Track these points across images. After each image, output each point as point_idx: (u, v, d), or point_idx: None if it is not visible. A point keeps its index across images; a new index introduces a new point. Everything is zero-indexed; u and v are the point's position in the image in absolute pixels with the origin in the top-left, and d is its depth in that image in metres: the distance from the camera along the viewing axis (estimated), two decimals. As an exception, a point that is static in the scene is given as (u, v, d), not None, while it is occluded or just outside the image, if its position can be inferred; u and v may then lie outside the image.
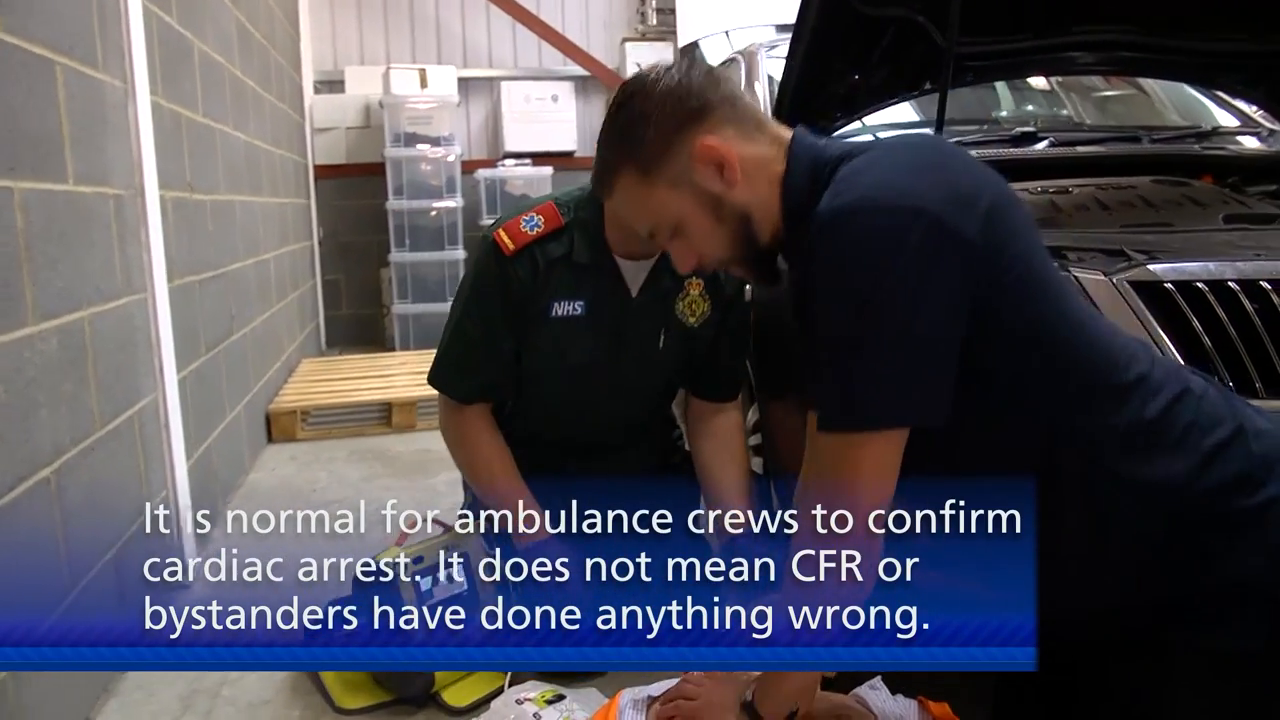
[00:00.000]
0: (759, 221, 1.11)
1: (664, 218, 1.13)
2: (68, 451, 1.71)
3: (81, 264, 1.84)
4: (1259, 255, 1.54)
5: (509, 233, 1.70)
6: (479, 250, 1.75)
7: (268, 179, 4.00)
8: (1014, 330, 1.03)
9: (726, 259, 1.15)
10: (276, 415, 3.60)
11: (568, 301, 1.74)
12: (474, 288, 1.74)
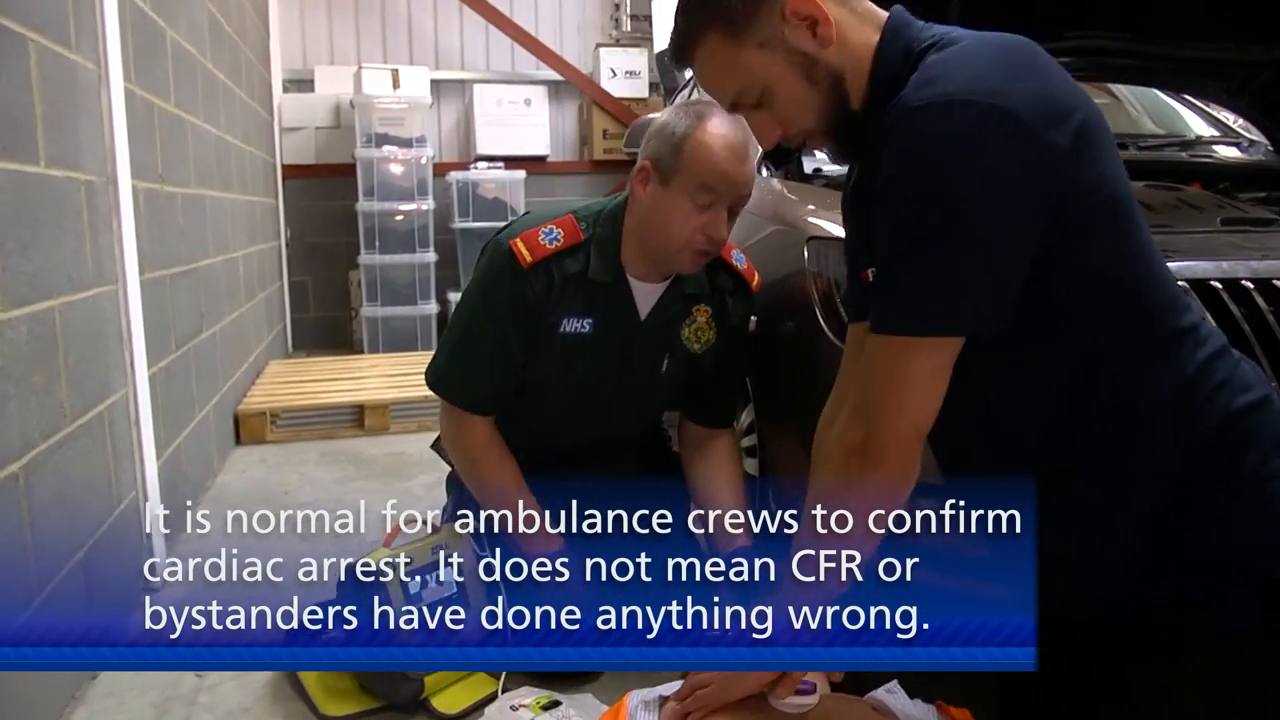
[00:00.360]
0: (851, 83, 1.07)
1: (752, 82, 1.07)
2: (37, 446, 1.63)
3: (52, 251, 1.76)
4: (1265, 256, 1.53)
5: (527, 244, 1.66)
6: (492, 256, 1.69)
7: (237, 176, 3.90)
8: (1091, 252, 1.00)
9: (812, 128, 1.10)
10: (245, 416, 3.50)
11: (577, 319, 1.71)
12: (486, 296, 1.69)
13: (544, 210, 1.76)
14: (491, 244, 1.73)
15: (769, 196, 2.23)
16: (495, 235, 1.74)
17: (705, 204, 1.61)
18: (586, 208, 1.75)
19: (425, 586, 1.65)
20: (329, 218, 5.65)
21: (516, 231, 1.69)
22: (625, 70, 5.95)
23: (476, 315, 1.71)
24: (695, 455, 1.88)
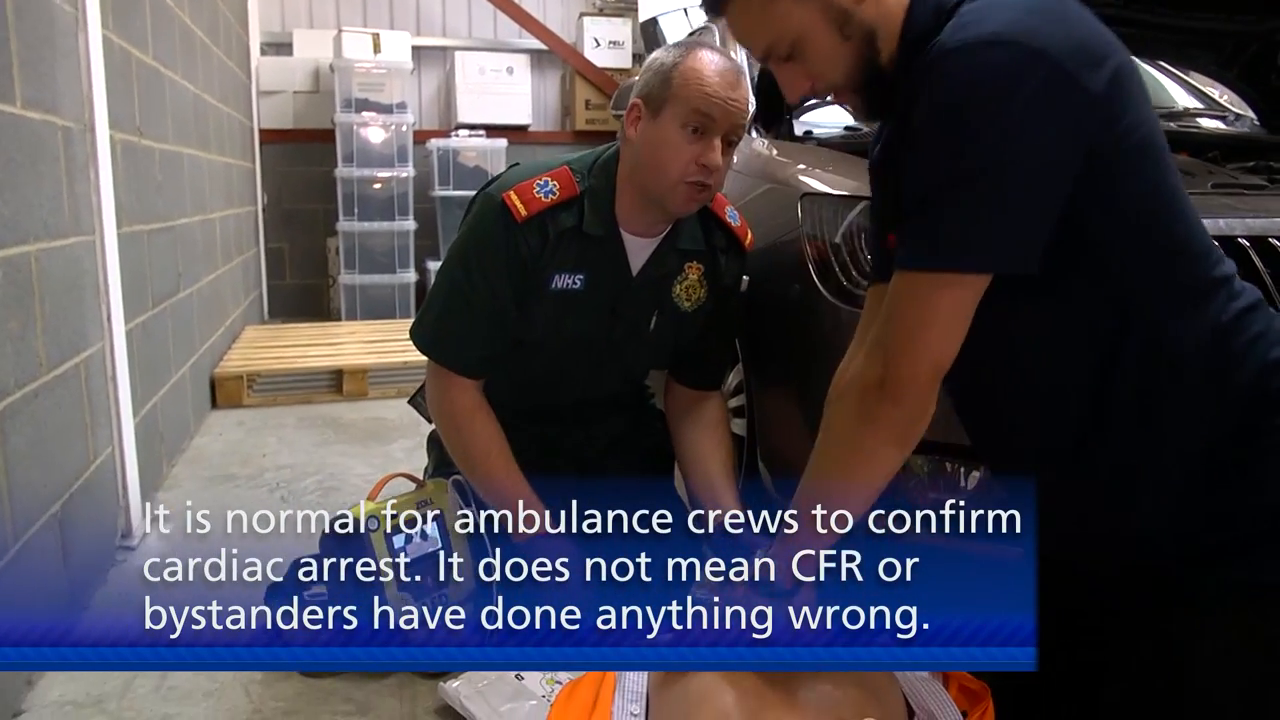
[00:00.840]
0: (882, 40, 1.07)
1: (784, 33, 1.07)
2: (12, 394, 1.59)
3: (28, 195, 1.71)
4: (1259, 215, 1.53)
5: (522, 197, 1.59)
6: (484, 209, 1.61)
7: (215, 136, 3.83)
8: (1125, 195, 1.00)
9: (841, 83, 1.10)
10: (222, 380, 3.45)
11: (569, 274, 1.65)
12: (479, 251, 1.61)
13: (535, 163, 1.70)
14: (482, 195, 1.65)
15: (760, 157, 2.21)
16: (485, 186, 1.67)
17: (698, 130, 1.56)
18: (581, 159, 1.69)
19: (410, 542, 1.64)
20: (307, 184, 5.58)
21: (509, 183, 1.62)
22: (609, 40, 5.90)
23: (469, 272, 1.62)
24: (683, 419, 1.85)
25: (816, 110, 2.56)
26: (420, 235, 5.33)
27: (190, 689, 1.60)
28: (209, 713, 1.53)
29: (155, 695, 1.58)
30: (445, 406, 1.67)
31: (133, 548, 2.17)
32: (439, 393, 1.67)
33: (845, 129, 2.39)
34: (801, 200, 1.78)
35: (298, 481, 2.65)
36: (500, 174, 1.71)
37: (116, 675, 1.63)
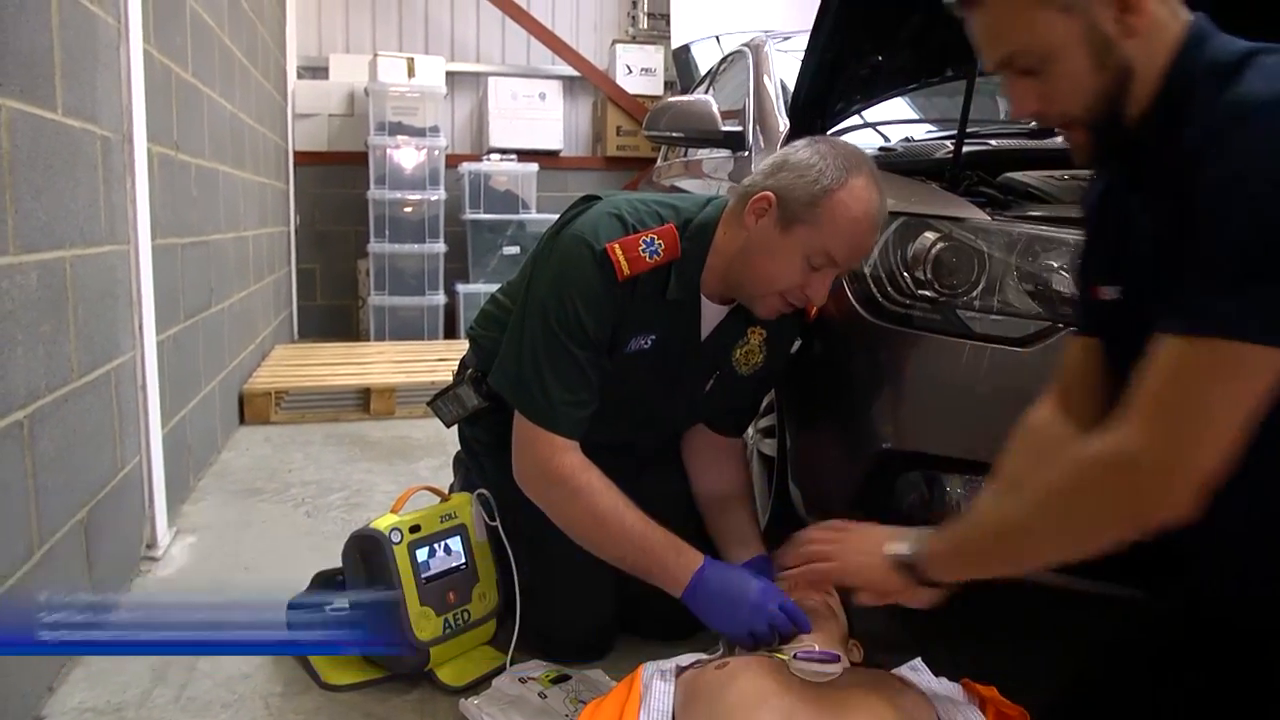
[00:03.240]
0: (1137, 84, 0.99)
1: (1036, 44, 0.99)
2: (43, 397, 1.59)
3: (66, 201, 1.72)
4: None
5: (627, 254, 1.48)
6: (581, 258, 1.48)
7: (250, 155, 3.87)
8: None
9: (1077, 115, 1.02)
10: (251, 396, 3.46)
11: (642, 335, 1.58)
12: (585, 305, 1.48)
13: (622, 200, 1.56)
14: (574, 239, 1.50)
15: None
16: (575, 226, 1.52)
17: (818, 266, 1.47)
18: (681, 214, 1.58)
19: (433, 556, 1.62)
20: (339, 206, 5.63)
21: (612, 234, 1.50)
22: (641, 67, 5.93)
23: (570, 328, 1.47)
24: (701, 453, 1.83)
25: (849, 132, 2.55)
26: (450, 258, 5.35)
27: (209, 700, 1.58)
28: (228, 724, 1.51)
29: (174, 705, 1.56)
30: (553, 471, 1.50)
31: (157, 558, 2.16)
32: (541, 458, 1.50)
33: (880, 149, 2.37)
34: (836, 217, 1.75)
35: (323, 497, 2.63)
36: (581, 210, 1.58)
37: (136, 684, 1.62)
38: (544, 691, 1.51)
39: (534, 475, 1.53)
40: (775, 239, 1.47)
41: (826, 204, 1.44)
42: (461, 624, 1.61)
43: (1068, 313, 1.48)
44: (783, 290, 1.51)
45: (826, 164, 1.45)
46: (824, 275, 1.49)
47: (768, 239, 1.48)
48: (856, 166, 1.47)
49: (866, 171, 1.47)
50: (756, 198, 1.49)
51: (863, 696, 1.16)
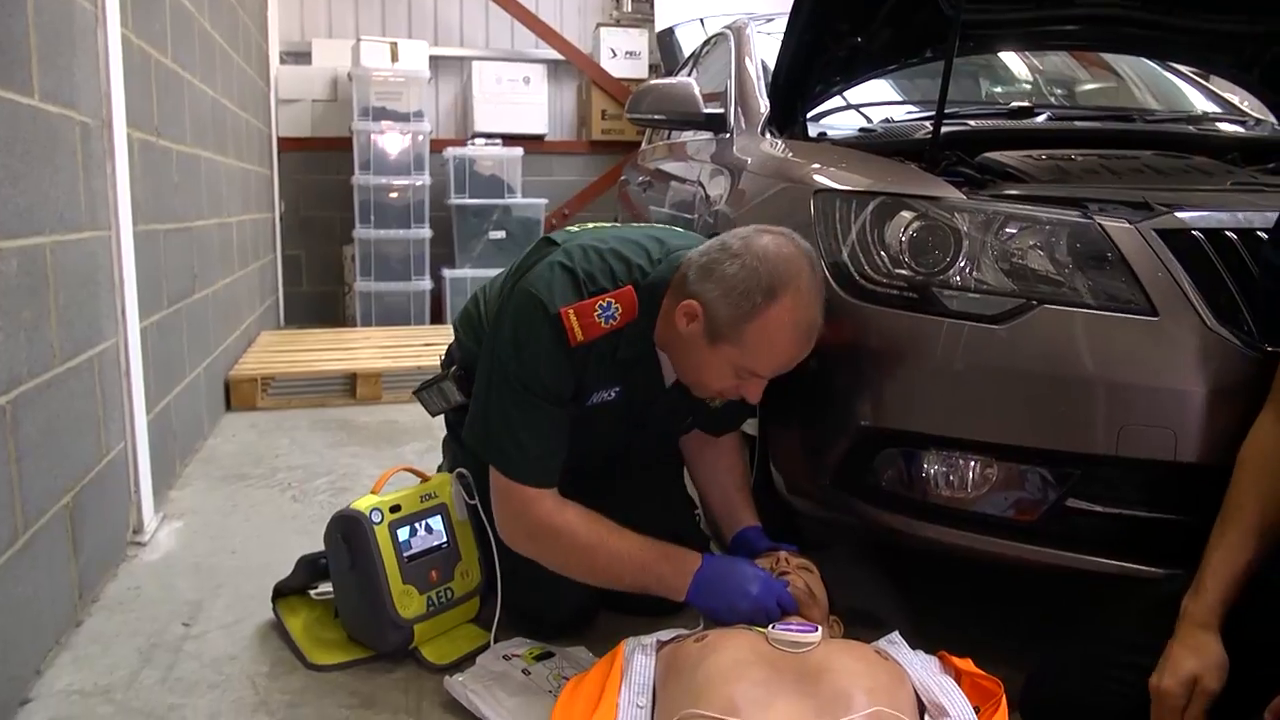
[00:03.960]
0: None
1: None
2: (25, 383, 1.59)
3: (45, 187, 1.72)
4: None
5: (581, 321, 1.46)
6: (535, 321, 1.47)
7: (233, 141, 3.85)
8: None
9: None
10: (237, 382, 3.46)
11: (605, 389, 1.58)
12: (541, 367, 1.48)
13: (582, 254, 1.52)
14: (530, 298, 1.48)
15: (774, 158, 2.20)
16: (529, 281, 1.50)
17: (744, 378, 1.49)
18: (636, 270, 1.54)
19: (414, 535, 1.63)
20: (324, 192, 5.61)
21: (565, 295, 1.47)
22: (625, 50, 5.91)
23: (530, 389, 1.48)
24: (699, 445, 1.87)
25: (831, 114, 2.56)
26: (436, 243, 5.34)
27: (196, 680, 1.60)
28: (214, 704, 1.52)
29: (161, 686, 1.58)
30: (532, 520, 1.51)
31: (144, 543, 2.17)
32: (518, 511, 1.51)
33: (860, 130, 2.39)
34: (814, 197, 1.77)
35: (309, 481, 2.64)
36: (538, 257, 1.56)
37: (124, 665, 1.63)
38: (528, 668, 1.53)
39: (516, 528, 1.54)
40: (703, 348, 1.48)
41: (750, 327, 1.43)
42: (444, 602, 1.63)
43: (1043, 290, 1.50)
44: (716, 390, 1.54)
45: (752, 283, 1.42)
46: (757, 382, 1.51)
47: (696, 346, 1.48)
48: (784, 284, 1.42)
49: (795, 286, 1.43)
50: (686, 303, 1.47)
51: (837, 664, 1.18)
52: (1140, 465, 1.42)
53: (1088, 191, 1.64)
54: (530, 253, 1.64)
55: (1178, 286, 1.42)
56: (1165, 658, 1.23)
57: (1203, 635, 1.23)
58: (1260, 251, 1.39)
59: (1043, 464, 1.49)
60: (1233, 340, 1.38)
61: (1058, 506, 1.49)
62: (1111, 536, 1.48)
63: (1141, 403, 1.41)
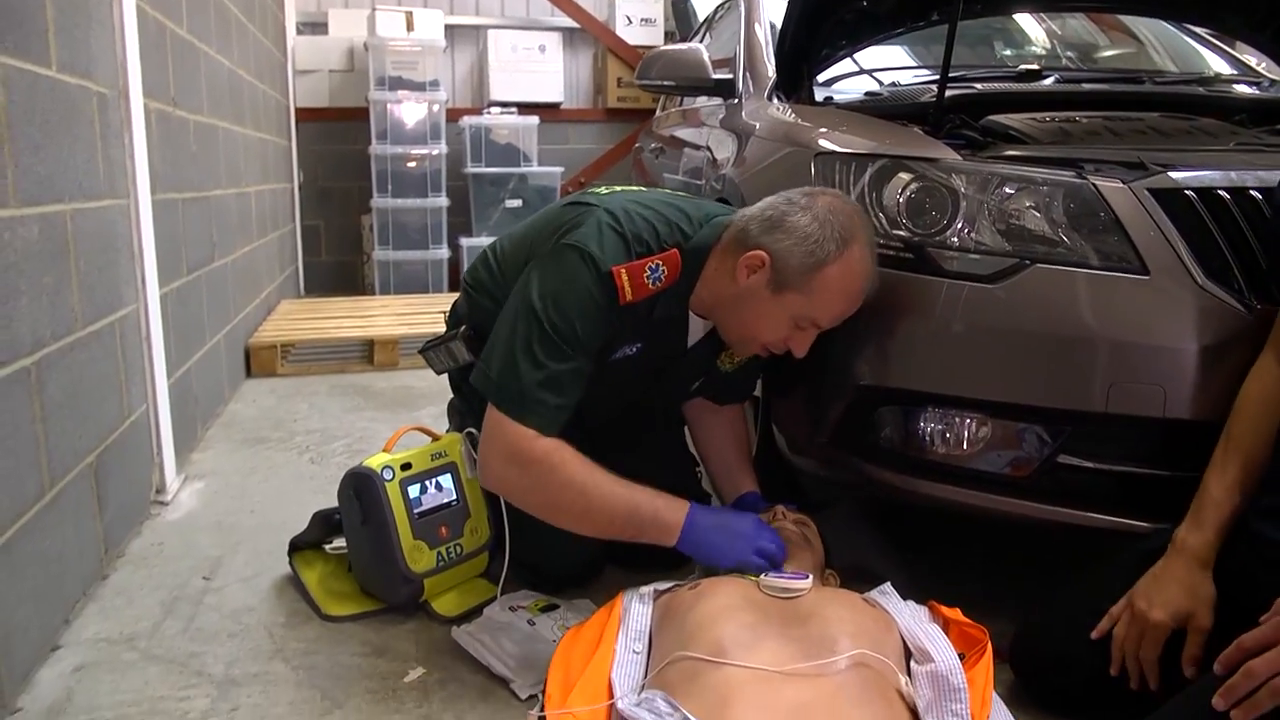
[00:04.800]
0: None
1: None
2: (48, 345, 1.65)
3: (64, 156, 1.77)
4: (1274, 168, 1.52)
5: (633, 280, 1.48)
6: (584, 277, 1.47)
7: (250, 112, 3.90)
8: None
9: None
10: (257, 349, 3.53)
11: (629, 344, 1.60)
12: (583, 322, 1.47)
13: (625, 214, 1.52)
14: (581, 253, 1.47)
15: (781, 123, 2.22)
16: (577, 237, 1.49)
17: (804, 327, 1.52)
18: (680, 233, 1.56)
19: (425, 492, 1.68)
20: (342, 162, 5.65)
21: (616, 254, 1.48)
22: (641, 18, 5.90)
23: (566, 342, 1.46)
24: (702, 411, 1.91)
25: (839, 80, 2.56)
26: (453, 212, 5.38)
27: (216, 630, 1.66)
28: (233, 652, 1.59)
29: (183, 635, 1.64)
30: (526, 452, 1.45)
31: (166, 503, 2.24)
32: (513, 446, 1.45)
33: (866, 94, 2.39)
34: (814, 160, 1.79)
35: (326, 444, 2.71)
36: (579, 215, 1.54)
37: (147, 616, 1.70)
38: (533, 619, 1.58)
39: (506, 460, 1.47)
40: (765, 298, 1.50)
41: (821, 275, 1.47)
42: (454, 557, 1.68)
43: (1037, 250, 1.52)
44: (765, 343, 1.56)
45: (825, 233, 1.47)
46: (808, 334, 1.54)
47: (757, 297, 1.51)
48: (854, 235, 1.49)
49: (862, 239, 1.49)
50: (750, 255, 1.50)
51: (825, 610, 1.22)
52: (1130, 422, 1.44)
53: (1085, 152, 1.65)
54: (559, 212, 1.62)
55: (1169, 245, 1.43)
56: (1156, 588, 1.28)
57: (1199, 572, 1.26)
58: (1274, 195, 1.40)
59: (1035, 421, 1.52)
60: (1222, 297, 1.40)
61: (1049, 463, 1.52)
62: (1102, 492, 1.51)
63: (1132, 360, 1.43)
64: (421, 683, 1.50)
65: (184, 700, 1.45)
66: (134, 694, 1.47)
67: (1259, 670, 1.03)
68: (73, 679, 1.50)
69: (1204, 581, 1.27)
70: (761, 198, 2.08)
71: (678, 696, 1.06)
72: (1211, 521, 1.29)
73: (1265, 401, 1.32)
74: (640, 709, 1.07)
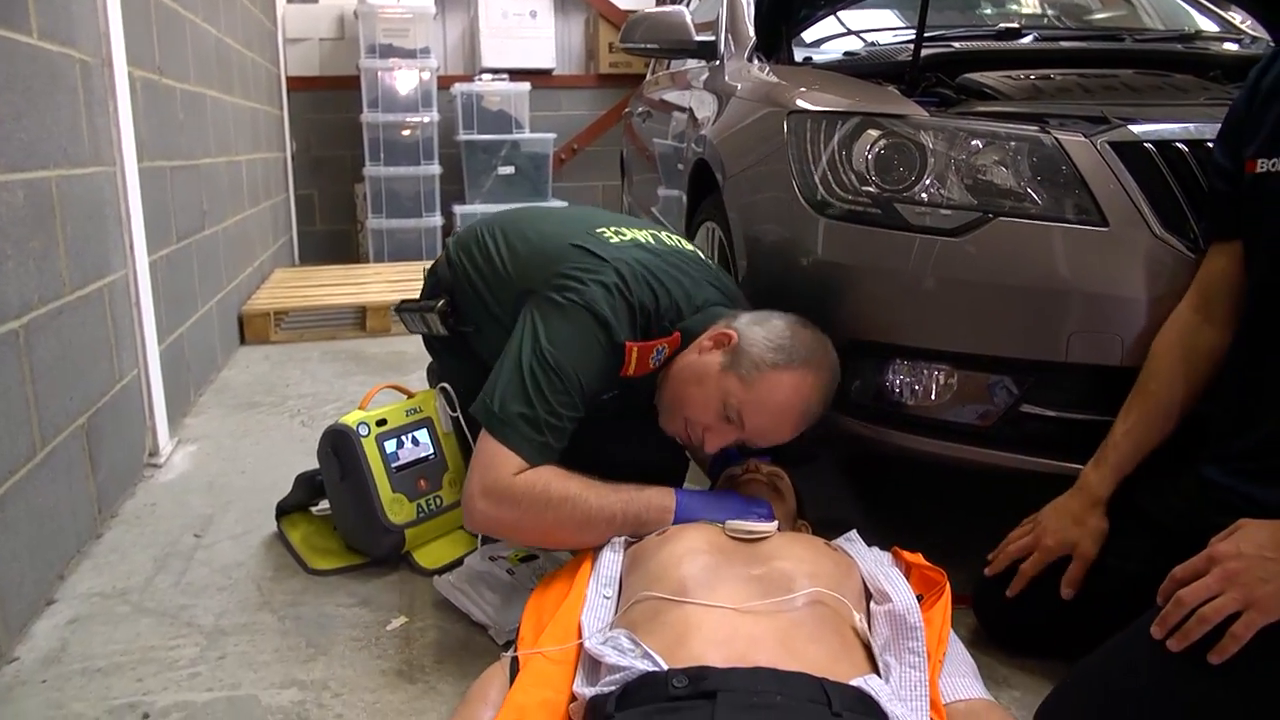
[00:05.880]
0: None
1: None
2: (36, 309, 1.69)
3: (48, 123, 1.79)
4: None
5: (639, 357, 1.53)
6: (598, 342, 1.50)
7: (239, 80, 3.91)
8: None
9: None
10: (250, 317, 3.56)
11: (609, 393, 1.59)
12: (583, 376, 1.48)
13: (634, 277, 1.54)
14: (597, 317, 1.49)
15: (760, 83, 2.24)
16: (591, 298, 1.50)
17: (727, 423, 1.51)
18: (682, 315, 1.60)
19: (401, 447, 1.72)
20: (334, 130, 5.66)
21: (627, 329, 1.52)
22: (632, -18, 5.87)
23: (570, 385, 1.47)
24: None
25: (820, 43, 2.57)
26: (446, 180, 5.39)
27: (206, 584, 1.71)
28: (222, 604, 1.64)
29: (174, 589, 1.69)
30: (520, 485, 1.43)
31: (159, 465, 2.28)
32: (505, 479, 1.42)
33: (845, 54, 2.41)
34: (787, 118, 1.81)
35: (318, 408, 2.75)
36: (602, 265, 1.55)
37: (140, 571, 1.75)
38: (512, 569, 1.63)
39: (497, 490, 1.43)
40: (711, 375, 1.51)
41: (770, 376, 1.47)
42: (434, 509, 1.73)
43: (1001, 203, 1.55)
44: (687, 418, 1.56)
45: (795, 347, 1.49)
46: (727, 431, 1.53)
47: (705, 370, 1.52)
48: (819, 367, 1.51)
49: (825, 377, 1.51)
50: (722, 332, 1.54)
51: (786, 552, 1.26)
52: (1088, 371, 1.48)
53: (1053, 108, 1.67)
54: (565, 250, 1.61)
55: (1128, 197, 1.46)
56: (1053, 518, 1.42)
57: (1091, 508, 1.39)
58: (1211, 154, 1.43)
59: (999, 371, 1.56)
60: (1178, 247, 1.44)
61: (1013, 412, 1.56)
62: (1062, 439, 1.55)
63: (1090, 310, 1.46)
64: (404, 631, 1.55)
65: (174, 649, 1.50)
66: (126, 644, 1.52)
67: (1187, 599, 1.07)
68: (67, 630, 1.56)
69: (1094, 515, 1.39)
70: (737, 158, 2.14)
71: (640, 633, 1.11)
72: (1109, 461, 1.40)
73: (1174, 348, 1.38)
74: (605, 646, 1.11)
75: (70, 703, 1.36)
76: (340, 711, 1.34)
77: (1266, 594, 1.05)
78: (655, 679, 1.01)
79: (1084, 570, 1.37)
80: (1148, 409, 1.38)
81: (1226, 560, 1.08)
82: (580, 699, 1.09)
